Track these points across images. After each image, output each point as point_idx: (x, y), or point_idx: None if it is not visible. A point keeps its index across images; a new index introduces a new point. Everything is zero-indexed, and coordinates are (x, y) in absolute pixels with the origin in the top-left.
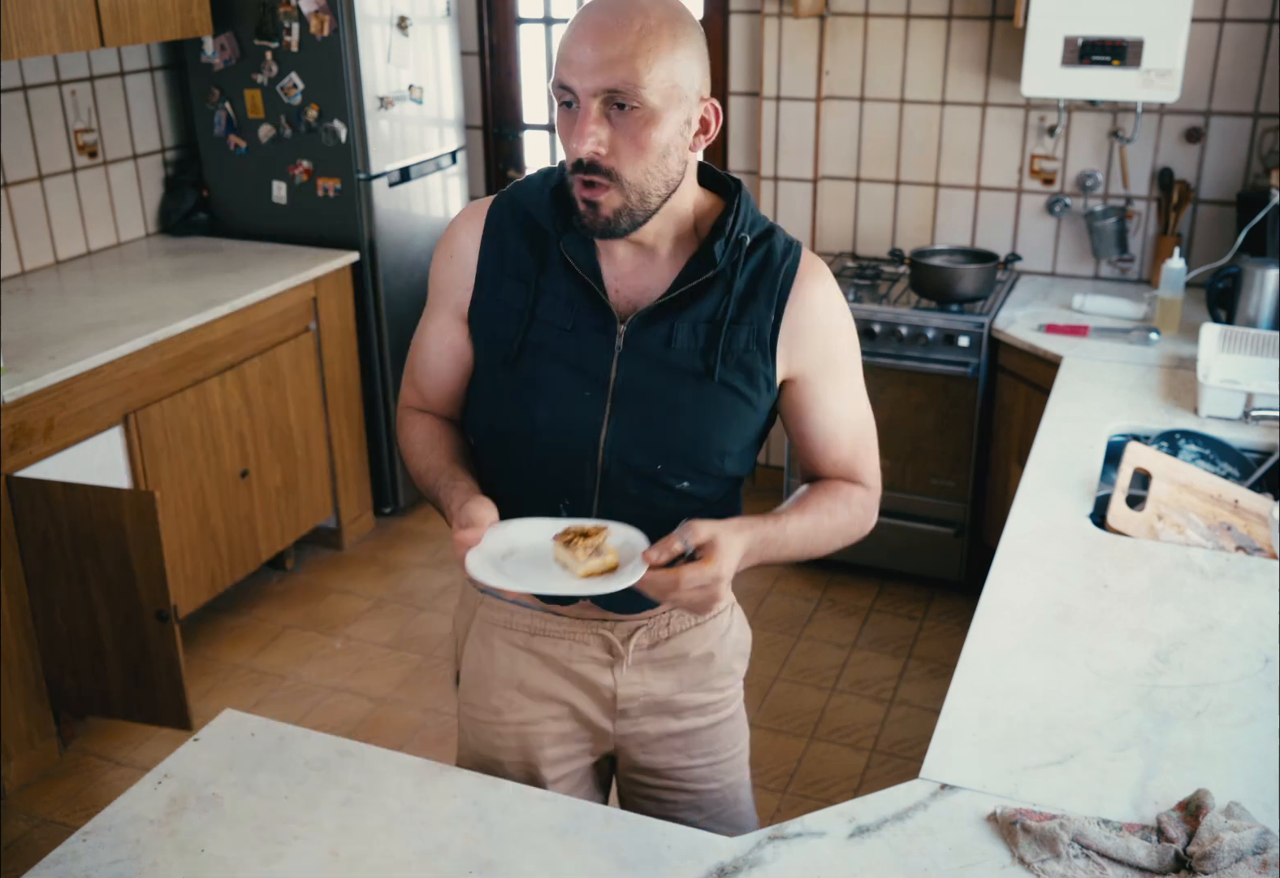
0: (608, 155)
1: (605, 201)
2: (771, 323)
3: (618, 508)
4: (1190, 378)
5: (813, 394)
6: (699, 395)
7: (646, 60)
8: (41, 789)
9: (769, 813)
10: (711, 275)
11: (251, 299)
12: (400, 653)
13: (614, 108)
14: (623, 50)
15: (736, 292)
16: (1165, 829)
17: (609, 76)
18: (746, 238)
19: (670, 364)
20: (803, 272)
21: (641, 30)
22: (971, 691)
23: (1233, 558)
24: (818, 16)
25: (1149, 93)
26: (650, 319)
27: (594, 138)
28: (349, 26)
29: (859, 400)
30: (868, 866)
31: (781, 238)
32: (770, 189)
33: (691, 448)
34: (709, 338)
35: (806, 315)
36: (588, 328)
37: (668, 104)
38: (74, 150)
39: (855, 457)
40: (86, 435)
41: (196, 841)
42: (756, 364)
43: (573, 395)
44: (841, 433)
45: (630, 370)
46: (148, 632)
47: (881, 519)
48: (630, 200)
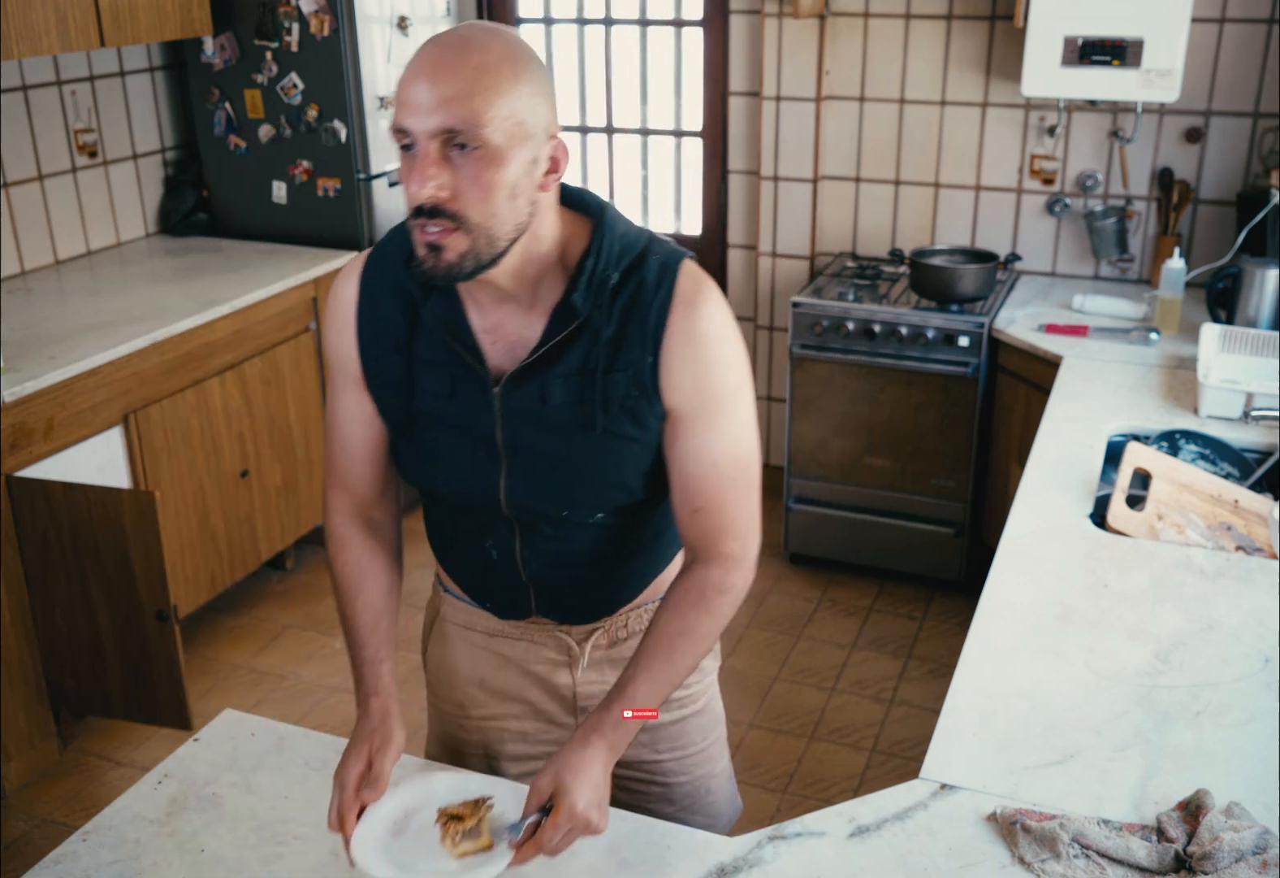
0: (450, 199)
1: (450, 245)
2: (650, 364)
3: (542, 546)
4: (1190, 378)
5: (681, 432)
6: (586, 446)
7: (486, 97)
8: (41, 789)
9: (769, 813)
10: (578, 325)
11: (251, 299)
12: (400, 653)
13: (455, 148)
14: (460, 88)
15: (607, 338)
16: (1165, 829)
17: (447, 115)
18: (612, 276)
19: (551, 420)
20: (678, 302)
21: (479, 66)
22: (971, 691)
23: (1233, 558)
24: (818, 16)
25: (1149, 93)
26: (523, 378)
27: (434, 182)
28: (349, 26)
29: (735, 445)
30: (868, 866)
31: (655, 264)
32: (770, 189)
33: (591, 493)
34: (585, 390)
35: (681, 349)
36: (466, 392)
37: (512, 142)
38: (74, 150)
39: (722, 510)
40: (86, 435)
41: (196, 841)
42: (642, 408)
43: (466, 457)
44: (707, 481)
45: (514, 429)
46: (148, 632)
47: (881, 519)
48: (477, 243)
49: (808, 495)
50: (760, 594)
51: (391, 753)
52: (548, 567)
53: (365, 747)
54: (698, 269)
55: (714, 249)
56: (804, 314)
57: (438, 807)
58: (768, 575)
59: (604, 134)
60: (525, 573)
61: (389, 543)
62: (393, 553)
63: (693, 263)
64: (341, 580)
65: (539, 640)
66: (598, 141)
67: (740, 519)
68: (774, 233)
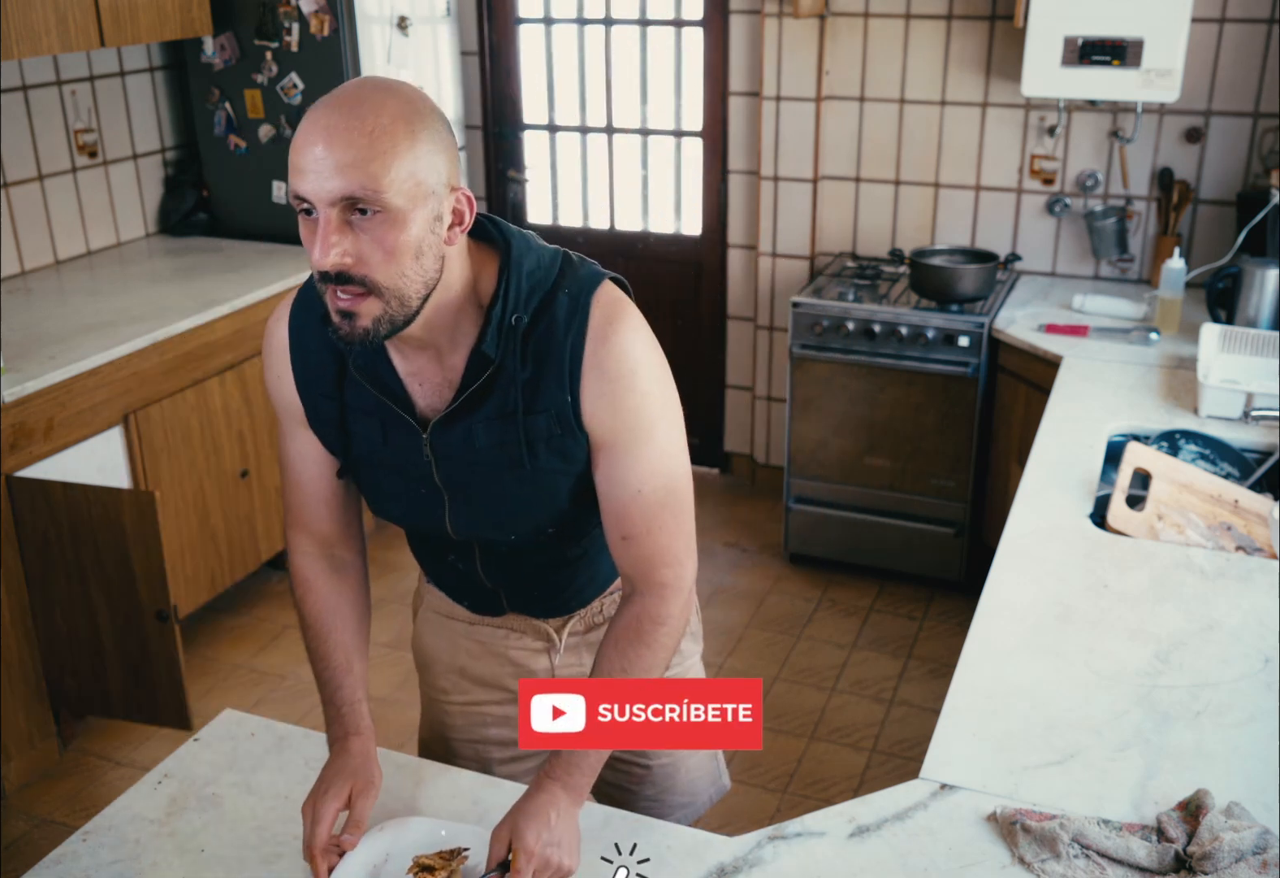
0: (355, 264)
1: (363, 311)
2: (569, 402)
3: (500, 561)
4: (1190, 378)
5: (604, 460)
6: (518, 482)
7: (384, 162)
8: (41, 789)
9: (769, 813)
10: (493, 371)
11: (251, 299)
12: (400, 653)
13: (355, 213)
14: (357, 154)
15: (522, 381)
16: (1165, 829)
17: (345, 182)
18: (523, 319)
19: (481, 461)
20: (590, 339)
21: (374, 131)
22: (971, 691)
23: (1233, 558)
24: (818, 16)
25: (1149, 93)
26: (448, 423)
27: (337, 249)
28: (349, 26)
29: (660, 472)
30: (868, 866)
31: (565, 299)
32: (770, 189)
33: (532, 521)
34: (507, 432)
35: (596, 384)
36: (397, 437)
37: (413, 203)
38: (74, 150)
39: (651, 536)
40: (86, 435)
41: (196, 841)
42: (568, 444)
43: (409, 494)
44: (633, 508)
45: (448, 469)
46: (148, 632)
47: (882, 519)
48: (390, 306)
49: (808, 495)
50: (760, 594)
51: (371, 797)
52: (511, 576)
53: (347, 786)
54: (611, 295)
55: (714, 249)
56: (804, 314)
57: (412, 856)
58: (768, 575)
59: (604, 134)
60: (489, 581)
61: (355, 581)
62: (360, 591)
63: (607, 287)
64: (312, 621)
65: (517, 628)
66: (598, 141)
67: (672, 547)
68: (774, 233)
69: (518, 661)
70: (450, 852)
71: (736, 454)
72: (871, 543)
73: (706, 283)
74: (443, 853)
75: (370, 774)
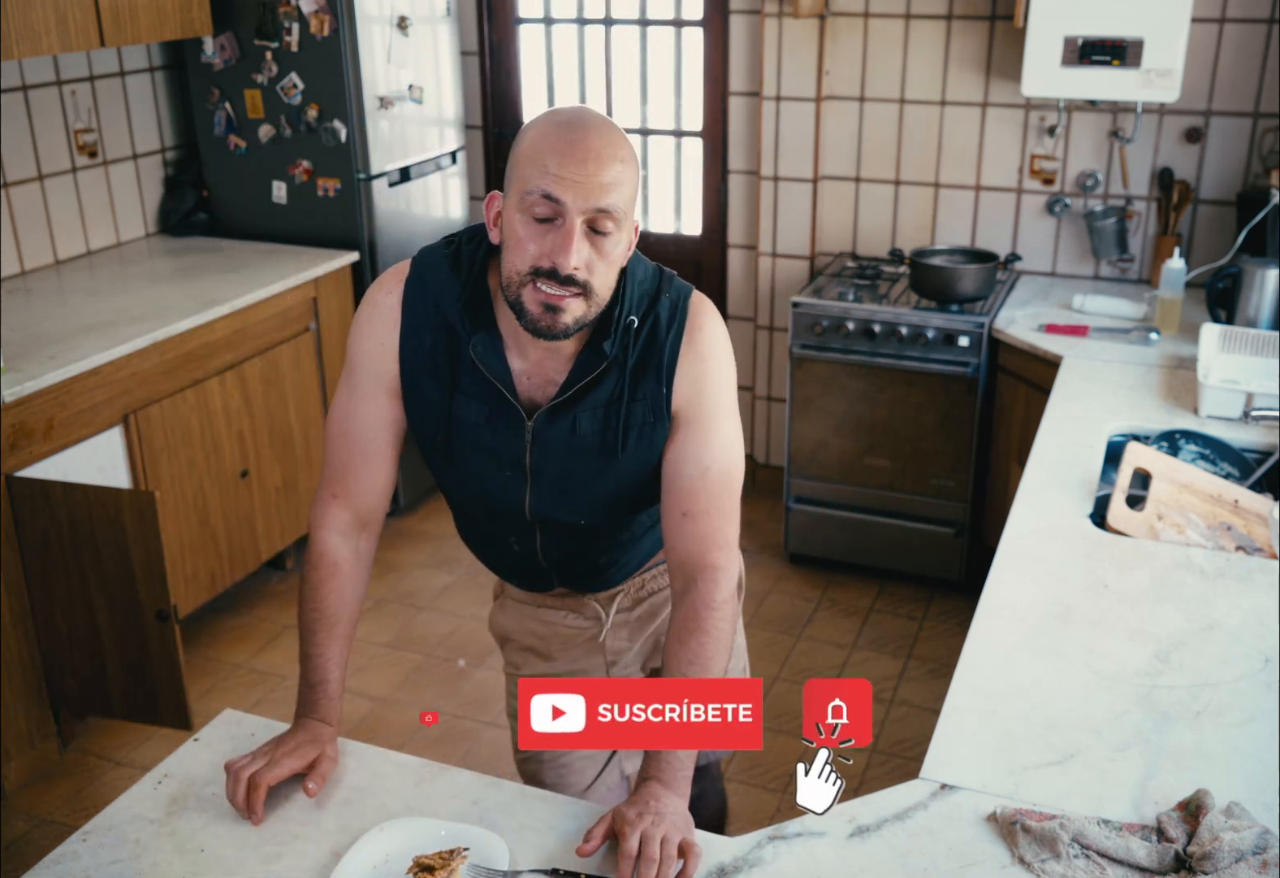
0: (584, 269)
1: (570, 309)
2: (664, 394)
3: (561, 542)
4: (1190, 378)
5: (679, 438)
6: (607, 470)
7: (627, 188)
8: (41, 789)
9: (769, 813)
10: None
11: (251, 299)
12: (400, 653)
13: (591, 229)
14: (615, 177)
15: (629, 371)
16: (1165, 829)
17: (603, 198)
18: (634, 321)
19: (577, 448)
20: (689, 330)
21: (624, 160)
22: (971, 691)
23: (1233, 558)
24: (818, 16)
25: (1149, 93)
26: (555, 412)
27: (581, 254)
28: (349, 26)
29: (724, 455)
30: (868, 866)
31: (667, 302)
32: (770, 189)
33: (608, 510)
34: (609, 419)
35: (691, 363)
36: (500, 422)
37: (627, 223)
38: (74, 150)
39: (709, 516)
40: (86, 435)
41: (196, 841)
42: (657, 434)
43: (495, 475)
44: (697, 485)
45: (543, 455)
46: (148, 632)
47: (882, 519)
48: (590, 310)
49: (808, 495)
50: (760, 594)
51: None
52: (566, 557)
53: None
54: (702, 301)
55: (714, 249)
56: (804, 314)
57: (412, 856)
58: (768, 575)
59: None
60: (545, 562)
61: (367, 573)
62: (367, 584)
63: (698, 295)
64: (323, 607)
65: (575, 608)
66: None
67: (725, 530)
68: (774, 233)
69: (572, 635)
70: (450, 852)
71: None
72: (871, 543)
73: (706, 283)
74: (443, 853)
75: (334, 752)
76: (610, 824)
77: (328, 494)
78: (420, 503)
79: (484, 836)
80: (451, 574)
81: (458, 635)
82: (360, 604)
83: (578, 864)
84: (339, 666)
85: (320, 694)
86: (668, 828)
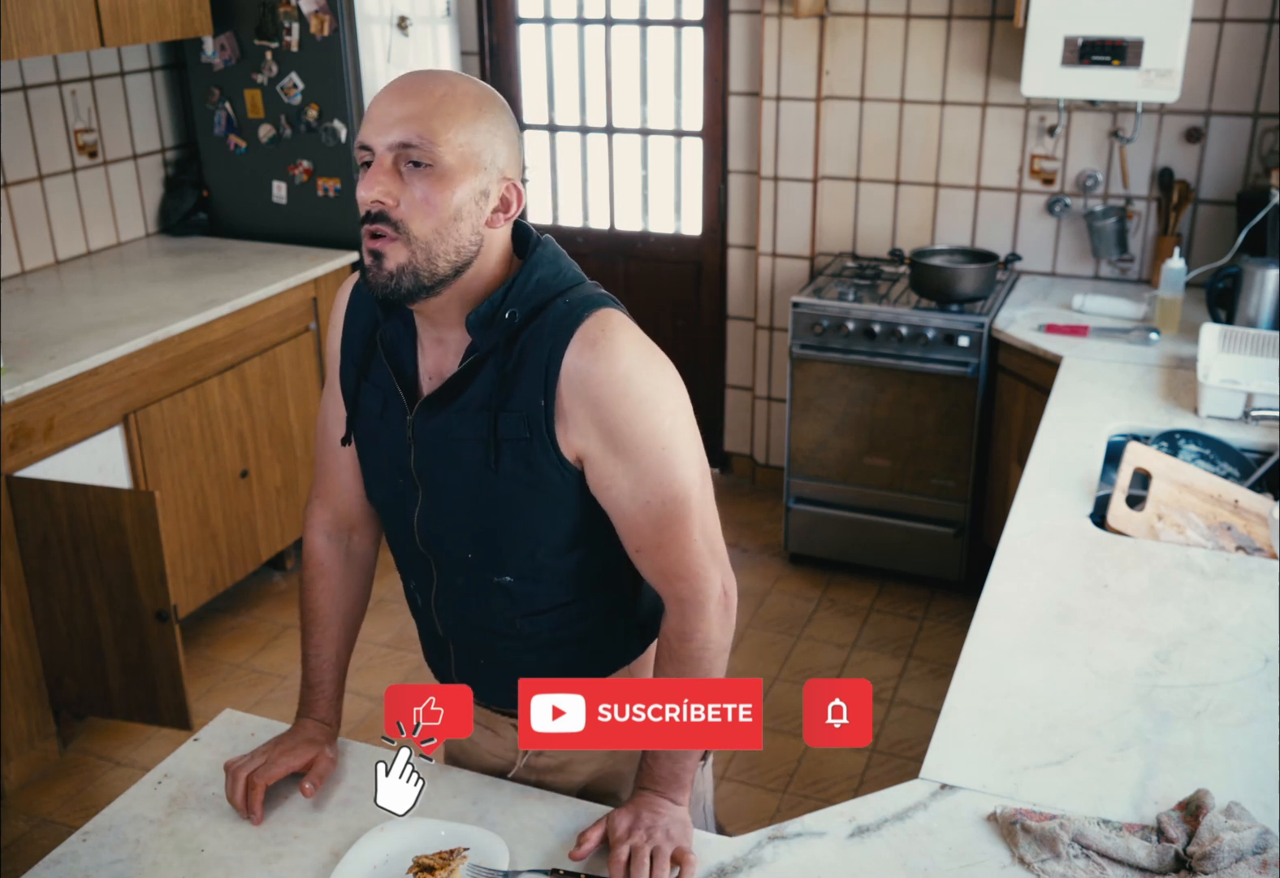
0: (394, 206)
1: (390, 254)
2: (542, 408)
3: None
4: (1190, 378)
5: (600, 475)
6: (485, 485)
7: (444, 121)
8: (41, 789)
9: (769, 813)
10: (481, 359)
11: (251, 299)
12: (400, 653)
13: (408, 165)
14: (422, 108)
15: (505, 375)
16: (1165, 829)
17: (405, 130)
18: (516, 315)
19: (455, 454)
20: (574, 343)
21: (444, 96)
22: (971, 691)
23: (1233, 558)
24: (818, 16)
25: (1149, 93)
26: (432, 408)
27: (381, 187)
28: (349, 26)
29: (664, 484)
30: (868, 866)
31: (562, 305)
32: (770, 189)
33: (493, 537)
34: (480, 427)
35: (576, 393)
36: (393, 415)
37: (463, 167)
38: (74, 150)
39: (662, 550)
40: (86, 435)
41: (196, 841)
42: (535, 453)
43: (389, 480)
44: (641, 520)
45: (424, 459)
46: (148, 632)
47: (881, 519)
48: (416, 258)
49: (808, 495)
50: (760, 594)
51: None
52: (462, 623)
53: (311, 752)
54: (610, 316)
55: (714, 249)
56: (804, 314)
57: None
58: (768, 575)
59: (604, 134)
60: (441, 626)
61: (364, 574)
62: (366, 586)
63: (609, 311)
64: (315, 608)
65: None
66: (598, 141)
67: (685, 560)
68: (774, 233)
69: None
70: (450, 852)
71: (736, 454)
72: (871, 543)
73: (706, 283)
74: (443, 853)
75: (333, 752)
76: (604, 828)
77: (312, 495)
78: None
79: (484, 836)
80: None
81: None
82: (359, 606)
83: (577, 865)
84: (336, 666)
85: (318, 695)
86: (659, 841)
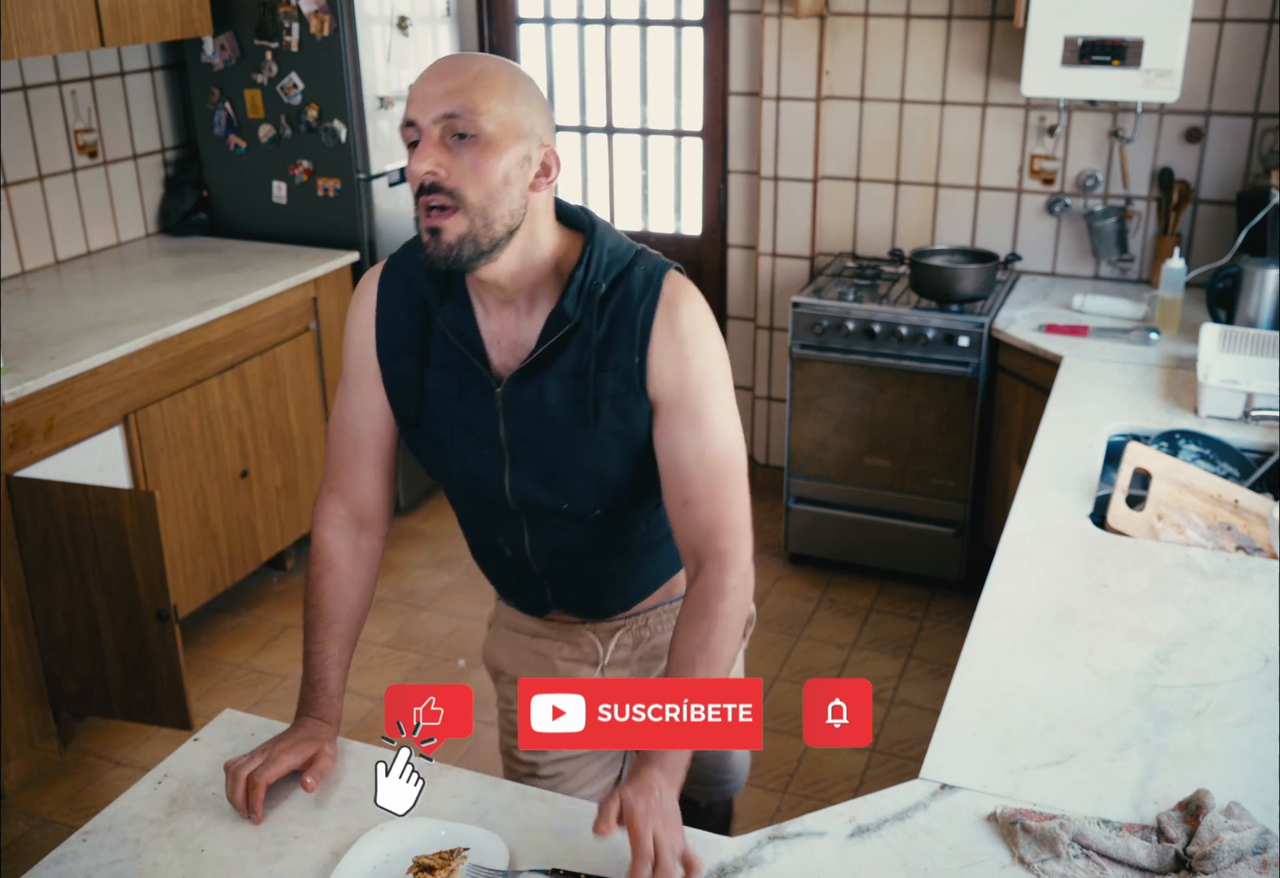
0: (447, 177)
1: (449, 227)
2: (637, 364)
3: (548, 540)
4: (1190, 378)
5: (668, 424)
6: (583, 442)
7: (484, 92)
8: (41, 789)
9: (769, 813)
10: (570, 329)
11: (251, 299)
12: (400, 653)
13: (454, 137)
14: (461, 83)
15: (596, 340)
16: (1165, 829)
17: (448, 103)
18: (601, 285)
19: (549, 417)
20: (661, 305)
21: (481, 72)
22: (971, 691)
23: (1233, 558)
24: (818, 16)
25: (1149, 93)
26: (523, 379)
27: (431, 158)
28: (349, 26)
29: (720, 437)
30: (868, 866)
31: (640, 273)
32: (770, 189)
33: (588, 488)
34: (578, 389)
35: (664, 347)
36: (472, 393)
37: (506, 135)
38: (74, 150)
39: (711, 501)
40: (86, 435)
41: (196, 841)
42: (631, 405)
43: (472, 453)
44: (695, 471)
45: (516, 427)
46: (148, 632)
47: (881, 519)
48: (474, 225)
49: (808, 495)
50: (760, 594)
51: (329, 763)
52: (556, 560)
53: (312, 749)
54: (681, 278)
55: (714, 249)
56: (804, 314)
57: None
58: (768, 575)
59: (604, 134)
60: (536, 567)
61: (370, 571)
62: (371, 583)
63: (677, 273)
64: (321, 604)
65: (572, 640)
66: (598, 141)
67: (729, 516)
68: (774, 233)
69: (565, 672)
70: (450, 852)
71: None
72: (871, 543)
73: (706, 283)
74: (443, 853)
75: (333, 750)
76: (616, 804)
77: (325, 489)
78: (420, 503)
79: (484, 836)
80: (451, 574)
81: (458, 635)
82: (363, 605)
83: (577, 864)
84: (338, 664)
85: (319, 693)
86: (674, 831)
